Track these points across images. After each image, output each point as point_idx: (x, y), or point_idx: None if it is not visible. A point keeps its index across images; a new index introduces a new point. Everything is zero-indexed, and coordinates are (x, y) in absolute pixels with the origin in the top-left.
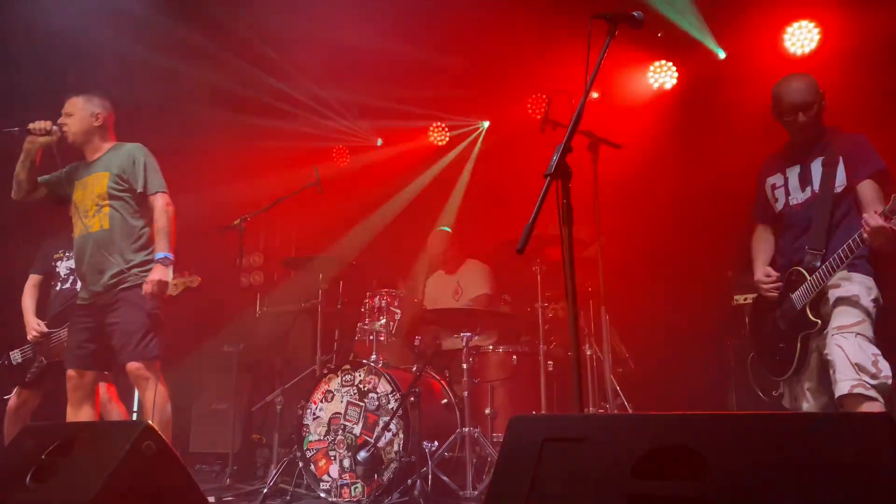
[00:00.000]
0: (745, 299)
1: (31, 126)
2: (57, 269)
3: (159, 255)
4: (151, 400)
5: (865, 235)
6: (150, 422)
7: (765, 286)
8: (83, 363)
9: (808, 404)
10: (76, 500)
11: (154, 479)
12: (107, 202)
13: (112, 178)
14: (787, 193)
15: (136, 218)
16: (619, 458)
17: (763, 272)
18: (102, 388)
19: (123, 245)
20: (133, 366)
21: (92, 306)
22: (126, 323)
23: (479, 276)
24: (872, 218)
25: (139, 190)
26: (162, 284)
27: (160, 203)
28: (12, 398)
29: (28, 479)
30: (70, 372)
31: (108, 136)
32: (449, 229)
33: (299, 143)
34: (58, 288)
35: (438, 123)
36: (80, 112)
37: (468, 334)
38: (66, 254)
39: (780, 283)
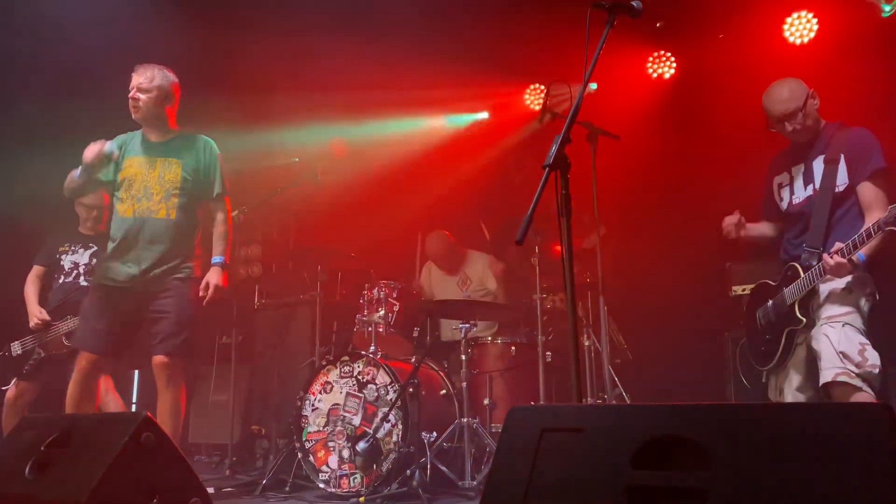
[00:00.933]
0: (744, 290)
1: (89, 161)
2: (61, 263)
3: (218, 258)
4: (170, 400)
5: (827, 268)
6: (148, 412)
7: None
8: (106, 348)
9: (791, 398)
10: (75, 491)
11: (153, 470)
12: (177, 192)
13: (186, 170)
14: (791, 192)
15: (195, 214)
16: (618, 448)
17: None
18: (101, 379)
19: (184, 238)
20: (164, 359)
21: (131, 291)
22: (179, 315)
23: (485, 265)
24: (832, 258)
25: (216, 191)
26: (220, 290)
27: (227, 207)
28: (10, 389)
29: (27, 470)
30: (85, 357)
31: (173, 119)
32: (446, 232)
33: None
34: (60, 281)
35: (437, 115)
36: (156, 90)
37: (467, 325)
38: (72, 247)
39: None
